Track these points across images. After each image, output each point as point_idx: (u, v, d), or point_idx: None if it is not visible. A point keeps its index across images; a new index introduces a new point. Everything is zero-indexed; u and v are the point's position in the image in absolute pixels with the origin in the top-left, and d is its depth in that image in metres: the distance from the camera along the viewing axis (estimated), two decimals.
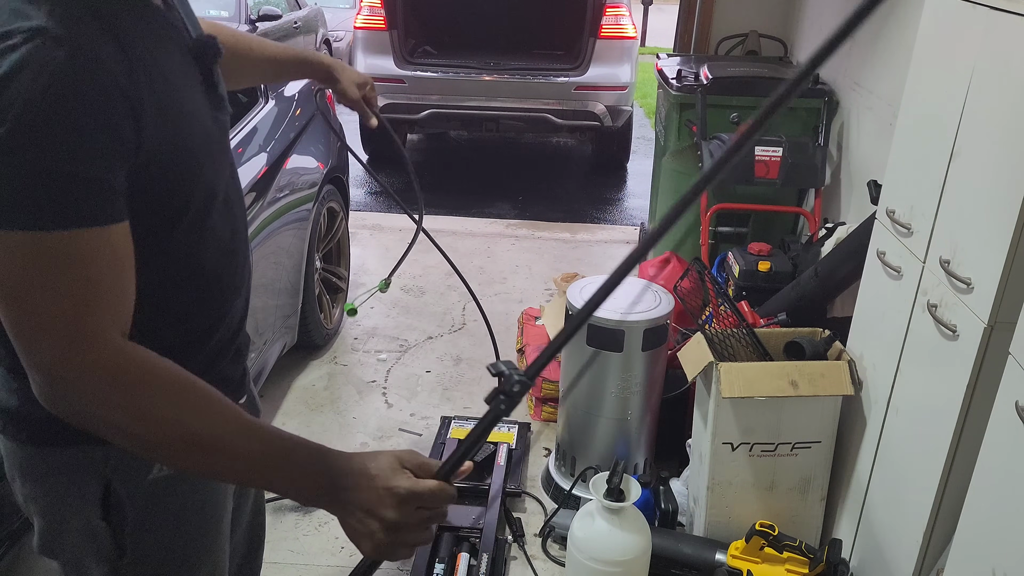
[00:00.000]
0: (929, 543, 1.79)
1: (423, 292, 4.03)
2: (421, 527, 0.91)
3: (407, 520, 0.89)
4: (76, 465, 1.05)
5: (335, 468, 0.91)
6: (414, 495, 0.89)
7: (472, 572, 2.19)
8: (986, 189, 1.61)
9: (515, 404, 0.89)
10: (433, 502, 0.90)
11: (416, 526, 0.90)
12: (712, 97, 3.37)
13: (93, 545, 1.09)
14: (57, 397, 0.87)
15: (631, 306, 2.38)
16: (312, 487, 0.91)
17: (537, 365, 0.90)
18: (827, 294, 2.65)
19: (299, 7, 8.62)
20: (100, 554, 1.09)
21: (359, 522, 0.89)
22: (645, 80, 8.38)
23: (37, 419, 1.03)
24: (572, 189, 6.15)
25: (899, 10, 2.81)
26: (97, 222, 0.84)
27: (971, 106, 1.67)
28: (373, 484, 0.89)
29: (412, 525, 0.89)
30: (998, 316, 1.56)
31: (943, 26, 1.82)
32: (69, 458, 1.05)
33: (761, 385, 2.09)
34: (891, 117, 2.64)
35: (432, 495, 0.90)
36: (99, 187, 0.84)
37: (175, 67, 0.98)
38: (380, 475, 0.89)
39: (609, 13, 5.60)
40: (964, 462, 1.65)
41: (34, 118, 0.80)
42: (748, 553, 2.11)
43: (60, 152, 0.81)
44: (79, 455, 1.05)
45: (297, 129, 3.12)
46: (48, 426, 1.02)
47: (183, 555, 1.15)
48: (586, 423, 2.52)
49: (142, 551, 1.10)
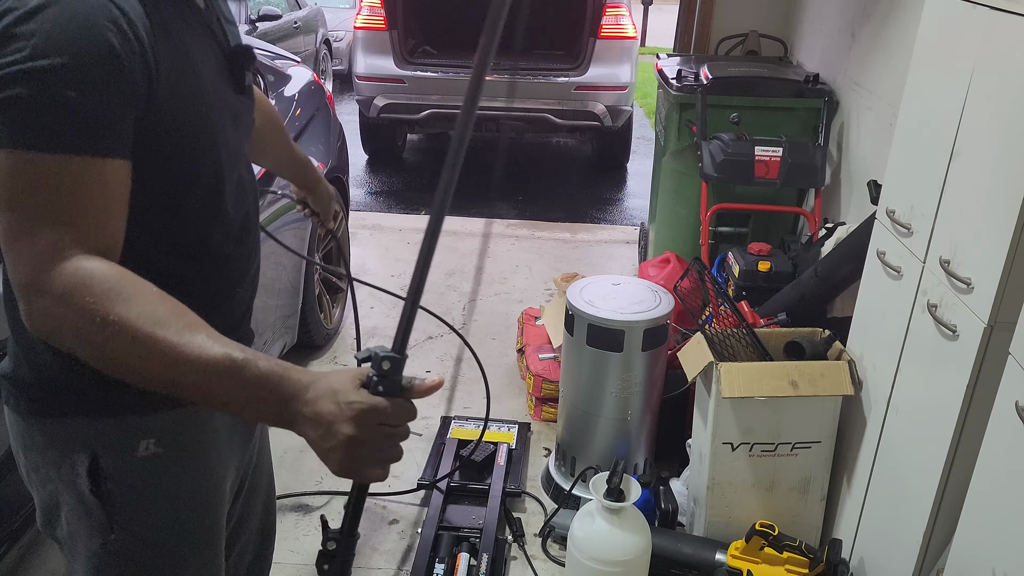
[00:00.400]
0: (929, 543, 1.79)
1: (423, 292, 4.02)
2: (384, 444, 0.89)
3: (368, 436, 0.87)
4: (67, 438, 1.08)
5: (294, 381, 0.89)
6: (373, 410, 0.87)
7: (472, 572, 2.19)
8: (986, 189, 1.61)
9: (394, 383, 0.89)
10: (393, 418, 0.88)
11: (379, 443, 0.88)
12: (712, 97, 3.36)
13: (86, 520, 1.10)
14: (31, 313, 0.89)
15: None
16: (271, 399, 0.88)
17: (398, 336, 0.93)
18: (827, 294, 2.65)
19: (299, 7, 8.62)
20: (92, 529, 1.11)
21: (322, 438, 0.88)
22: (645, 80, 8.38)
23: (32, 387, 1.07)
24: (572, 189, 6.15)
25: (899, 10, 2.81)
26: (94, 152, 0.89)
27: (971, 106, 1.67)
28: (334, 398, 0.87)
29: (374, 441, 0.88)
30: (998, 316, 1.56)
31: (943, 26, 1.82)
32: (61, 430, 1.08)
33: (761, 385, 2.09)
34: (891, 117, 2.64)
35: (392, 411, 0.88)
36: (102, 120, 0.89)
37: (200, 53, 1.05)
38: (340, 390, 0.88)
39: (609, 13, 5.60)
40: (964, 462, 1.65)
41: (51, 48, 0.86)
42: (748, 553, 2.11)
43: (71, 82, 0.86)
44: (70, 427, 1.07)
45: (297, 129, 3.12)
46: (41, 395, 1.06)
47: (174, 538, 1.15)
48: (586, 423, 2.52)
49: (131, 529, 1.11)
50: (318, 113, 3.39)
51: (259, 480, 1.40)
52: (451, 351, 3.50)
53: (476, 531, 2.34)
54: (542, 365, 3.01)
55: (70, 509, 1.11)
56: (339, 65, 9.63)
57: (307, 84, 3.43)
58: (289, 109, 3.14)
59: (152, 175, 0.98)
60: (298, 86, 3.34)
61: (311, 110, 3.32)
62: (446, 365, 3.39)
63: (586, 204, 5.74)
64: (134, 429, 1.09)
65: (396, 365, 0.89)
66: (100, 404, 1.07)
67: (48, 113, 0.86)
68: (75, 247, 0.88)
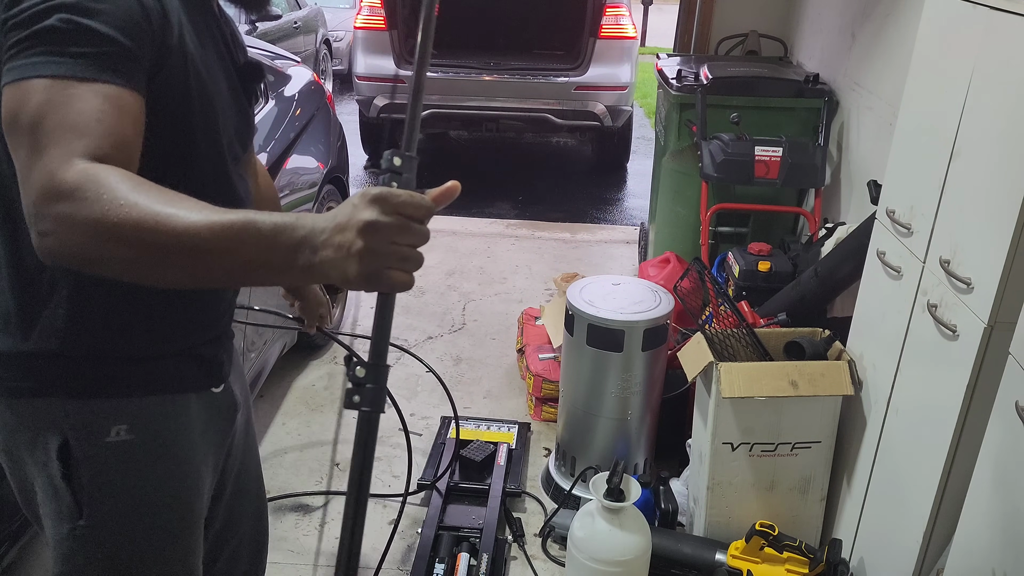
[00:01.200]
0: (929, 543, 1.79)
1: (423, 292, 4.03)
2: (402, 233, 0.83)
3: (386, 223, 0.82)
4: (38, 419, 1.08)
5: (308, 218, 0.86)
6: (389, 193, 0.83)
7: (472, 572, 2.19)
8: (986, 189, 1.61)
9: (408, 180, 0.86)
10: (410, 207, 0.83)
11: (397, 230, 0.83)
12: (712, 97, 3.36)
13: (55, 504, 1.11)
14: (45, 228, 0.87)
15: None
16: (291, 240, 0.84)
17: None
18: (827, 294, 2.65)
19: (299, 7, 8.62)
20: (61, 513, 1.11)
21: (337, 247, 0.82)
22: (645, 80, 8.38)
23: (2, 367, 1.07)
24: (572, 189, 6.15)
25: (899, 10, 2.81)
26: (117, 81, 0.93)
27: (971, 106, 1.67)
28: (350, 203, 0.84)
29: (392, 227, 0.82)
30: (998, 316, 1.56)
31: (943, 26, 1.82)
32: (33, 411, 1.08)
33: (761, 385, 2.09)
34: (891, 117, 2.64)
35: (407, 199, 0.83)
36: (126, 55, 0.94)
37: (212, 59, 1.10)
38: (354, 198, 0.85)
39: (609, 13, 5.60)
40: (964, 462, 1.65)
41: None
42: (748, 553, 2.11)
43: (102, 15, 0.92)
44: (40, 409, 1.08)
45: (297, 129, 3.12)
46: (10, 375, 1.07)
47: (144, 527, 1.15)
48: (586, 423, 2.52)
49: (99, 516, 1.11)
50: (318, 113, 3.39)
51: (247, 483, 1.39)
52: (451, 351, 3.50)
53: (476, 531, 2.35)
54: (542, 365, 3.01)
55: (43, 492, 1.11)
56: (339, 65, 9.62)
57: (307, 84, 3.44)
58: (289, 109, 3.14)
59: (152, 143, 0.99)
60: (298, 86, 3.34)
61: (311, 110, 3.33)
62: (446, 365, 3.39)
63: (586, 204, 5.74)
64: (105, 414, 1.09)
65: (408, 162, 0.86)
66: (72, 386, 1.07)
67: (75, 40, 0.90)
68: (88, 156, 0.89)
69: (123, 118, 0.93)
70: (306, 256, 0.83)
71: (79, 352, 1.07)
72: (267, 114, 2.97)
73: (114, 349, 1.09)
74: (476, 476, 2.61)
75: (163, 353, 1.13)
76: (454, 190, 0.88)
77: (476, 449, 2.66)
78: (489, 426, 2.86)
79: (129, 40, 0.93)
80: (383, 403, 0.90)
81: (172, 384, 1.15)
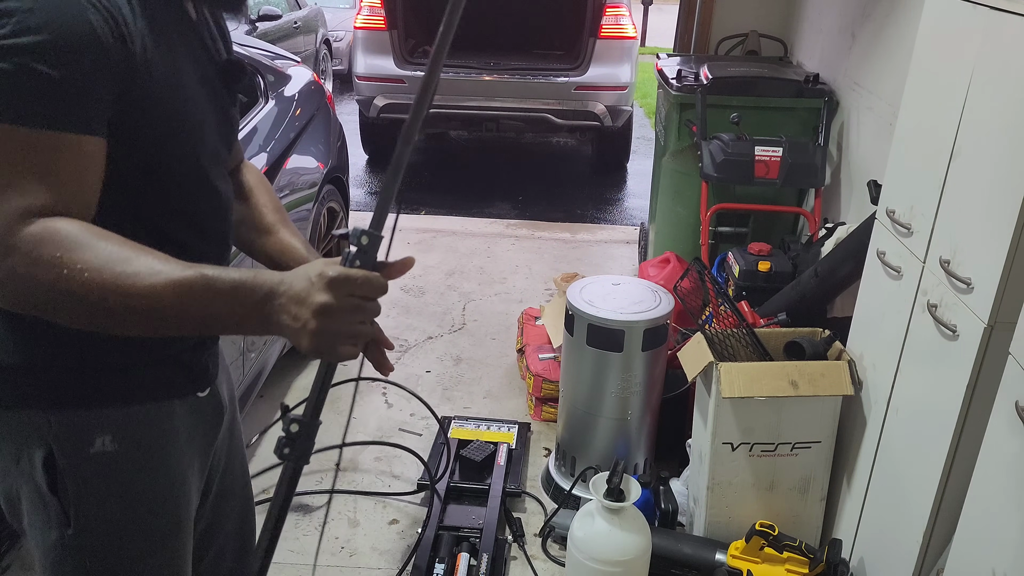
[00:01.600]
0: (929, 543, 1.79)
1: (423, 292, 4.03)
2: (355, 316, 0.91)
3: (340, 305, 0.89)
4: (23, 430, 1.08)
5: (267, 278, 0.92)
6: (346, 278, 0.89)
7: (472, 572, 2.19)
8: (986, 189, 1.61)
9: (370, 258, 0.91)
10: (365, 288, 0.90)
11: (349, 312, 0.90)
12: (712, 97, 3.36)
13: (43, 513, 1.11)
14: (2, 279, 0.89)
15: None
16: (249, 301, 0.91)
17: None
18: (827, 294, 2.65)
19: (299, 7, 8.62)
20: (49, 523, 1.11)
21: (295, 318, 0.89)
22: (645, 80, 8.38)
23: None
24: (572, 189, 6.15)
25: (899, 10, 2.81)
26: (70, 128, 0.91)
27: (971, 106, 1.67)
28: (308, 276, 0.90)
29: (344, 310, 0.89)
30: (998, 316, 1.56)
31: (943, 26, 1.82)
32: (17, 423, 1.08)
33: (761, 385, 2.09)
34: (891, 117, 2.64)
35: (364, 280, 0.90)
36: (80, 97, 0.91)
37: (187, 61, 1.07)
38: (315, 269, 0.91)
39: (609, 13, 5.60)
40: (964, 462, 1.65)
41: (33, 25, 0.88)
42: (748, 553, 2.11)
43: (51, 58, 0.88)
44: (25, 420, 1.07)
45: (297, 129, 3.12)
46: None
47: (132, 535, 1.15)
48: (586, 423, 2.52)
49: (87, 524, 1.11)
50: (318, 113, 3.39)
51: (231, 484, 1.38)
52: (451, 351, 3.50)
53: (476, 531, 2.34)
54: (542, 365, 3.01)
55: (29, 502, 1.11)
56: (339, 65, 9.62)
57: (307, 84, 3.44)
58: (289, 109, 3.14)
59: (127, 165, 0.99)
60: (298, 86, 3.34)
61: (311, 110, 3.32)
62: (446, 365, 3.39)
63: (586, 204, 5.74)
64: (89, 424, 1.09)
65: (373, 241, 0.91)
66: (54, 397, 1.07)
67: (29, 88, 0.88)
68: (46, 212, 0.90)
69: (81, 167, 0.93)
70: (262, 316, 0.91)
71: (60, 363, 1.07)
72: (267, 114, 2.97)
73: (95, 359, 1.08)
74: (476, 476, 2.60)
75: (145, 361, 1.12)
76: (409, 264, 0.96)
77: (476, 449, 2.65)
78: (489, 426, 2.86)
79: (82, 76, 0.91)
80: (310, 455, 0.97)
81: (155, 392, 1.14)
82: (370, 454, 2.79)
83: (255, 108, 2.94)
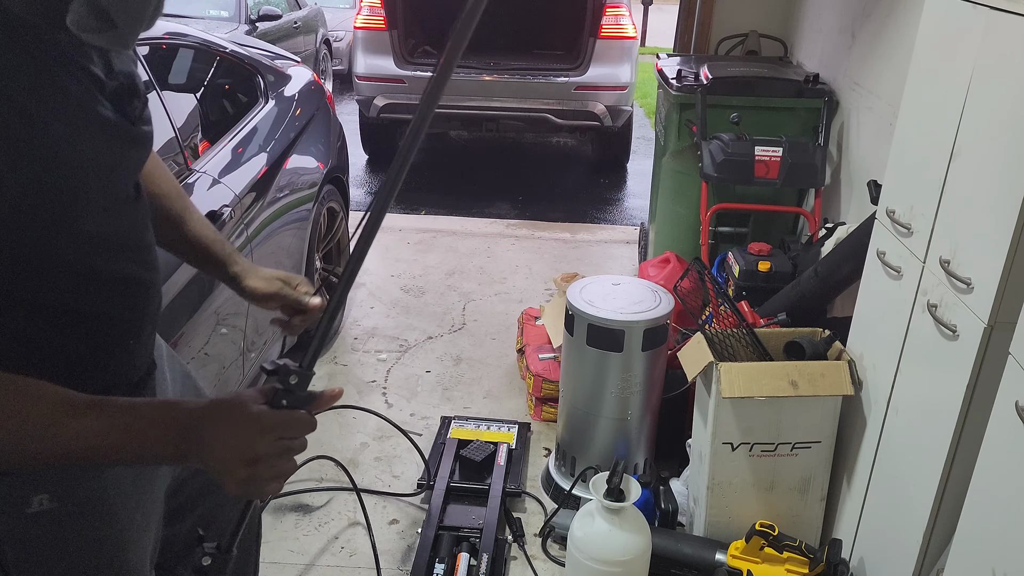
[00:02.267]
0: (929, 543, 1.79)
1: (423, 292, 4.03)
2: (282, 458, 0.90)
3: (267, 452, 0.88)
4: None
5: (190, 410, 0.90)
6: (273, 425, 0.89)
7: (472, 572, 2.19)
8: (986, 189, 1.61)
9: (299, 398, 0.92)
10: (293, 431, 0.90)
11: (277, 457, 0.89)
12: (712, 97, 3.36)
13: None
14: None
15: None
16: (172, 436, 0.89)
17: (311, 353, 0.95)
18: (827, 294, 2.65)
19: (299, 7, 8.62)
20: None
21: (220, 461, 0.88)
22: (645, 80, 8.38)
23: None
24: (572, 189, 6.15)
25: (899, 10, 2.81)
26: None
27: (971, 106, 1.67)
28: (231, 416, 0.88)
29: (272, 456, 0.89)
30: (998, 316, 1.56)
31: (943, 26, 1.82)
32: None
33: (761, 385, 2.09)
34: (891, 117, 2.64)
35: (292, 423, 0.90)
36: None
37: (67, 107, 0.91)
38: (240, 409, 0.89)
39: (609, 13, 5.61)
40: (964, 462, 1.65)
41: None
42: (748, 553, 2.11)
43: None
44: None
45: (297, 129, 3.12)
46: None
47: None
48: (586, 423, 2.52)
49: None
50: (318, 113, 3.39)
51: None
52: (451, 351, 3.50)
53: (476, 531, 2.35)
54: (542, 365, 3.01)
55: None
56: (339, 65, 9.63)
57: (307, 84, 3.44)
58: (289, 109, 3.14)
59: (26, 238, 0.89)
60: (298, 86, 3.34)
61: (311, 110, 3.33)
62: (445, 365, 3.39)
63: (586, 204, 5.74)
64: (24, 484, 1.01)
65: (303, 380, 0.91)
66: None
67: None
68: None
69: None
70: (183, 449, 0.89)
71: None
72: (267, 114, 2.97)
73: None
74: (476, 476, 2.60)
75: None
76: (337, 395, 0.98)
77: (476, 449, 2.66)
78: (489, 426, 2.86)
79: None
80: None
81: None
82: (370, 454, 2.79)
83: (255, 108, 2.95)
